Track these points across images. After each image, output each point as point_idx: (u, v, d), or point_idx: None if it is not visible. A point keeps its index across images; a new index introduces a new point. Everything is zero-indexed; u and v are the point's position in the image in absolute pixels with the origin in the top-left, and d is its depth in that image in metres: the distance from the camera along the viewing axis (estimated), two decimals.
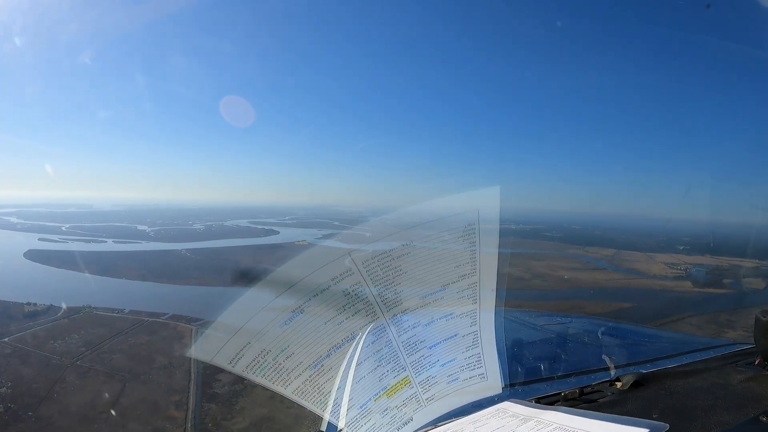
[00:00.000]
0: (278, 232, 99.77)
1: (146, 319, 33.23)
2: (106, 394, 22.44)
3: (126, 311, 35.14)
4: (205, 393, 21.90)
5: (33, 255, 61.09)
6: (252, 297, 1.10)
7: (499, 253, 1.31)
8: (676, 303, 43.37)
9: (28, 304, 36.06)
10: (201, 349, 1.10)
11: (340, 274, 1.14)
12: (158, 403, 21.76)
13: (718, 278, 50.76)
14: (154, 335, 30.22)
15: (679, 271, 57.70)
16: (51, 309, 35.13)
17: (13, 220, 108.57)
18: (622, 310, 38.83)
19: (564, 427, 1.00)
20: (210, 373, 23.72)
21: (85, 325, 32.08)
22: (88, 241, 79.20)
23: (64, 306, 35.47)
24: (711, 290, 47.03)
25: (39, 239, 76.49)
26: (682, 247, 71.27)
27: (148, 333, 30.61)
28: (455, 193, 1.33)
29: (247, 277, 1.20)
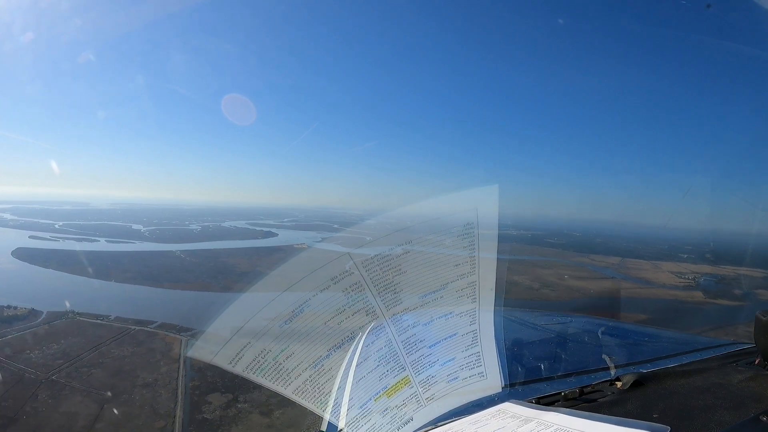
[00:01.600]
0: (277, 234, 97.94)
1: (132, 327, 30.42)
2: (81, 418, 19.85)
3: (111, 318, 32.31)
4: (193, 418, 19.47)
5: (21, 253, 58.50)
6: (252, 297, 1.09)
7: (498, 253, 1.30)
8: (693, 315, 41.94)
9: (8, 307, 33.47)
10: (201, 349, 1.08)
11: (340, 274, 1.15)
12: (139, 430, 19.26)
13: (729, 288, 49.32)
14: (140, 347, 27.46)
15: (687, 281, 56.58)
16: (32, 314, 32.51)
17: (7, 216, 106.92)
18: (640, 322, 37.17)
19: (565, 428, 0.98)
20: (199, 393, 21.48)
21: (66, 333, 29.54)
22: (80, 240, 76.75)
23: (45, 311, 33.01)
24: (724, 302, 45.05)
25: (29, 237, 74.18)
26: (686, 255, 70.49)
27: (134, 344, 27.90)
28: (454, 192, 1.34)
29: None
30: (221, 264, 56.89)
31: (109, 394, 21.90)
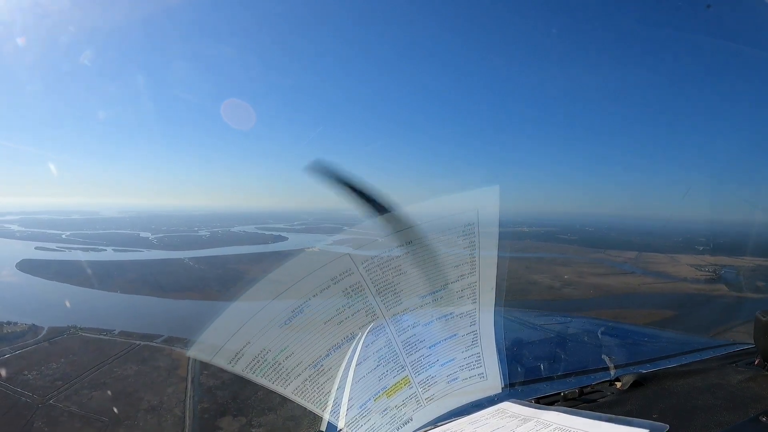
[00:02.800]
0: (287, 238, 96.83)
1: (138, 342, 28.35)
2: None
3: (116, 332, 30.50)
4: None
5: (25, 266, 57.21)
6: (252, 296, 1.08)
7: (499, 252, 1.28)
8: (722, 308, 40.22)
9: (8, 323, 31.94)
10: (200, 349, 1.05)
11: (340, 275, 1.12)
12: None
13: (751, 280, 48.31)
14: (145, 364, 25.35)
15: (708, 273, 55.66)
16: (32, 329, 30.86)
17: (14, 227, 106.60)
18: (667, 319, 35.09)
19: (564, 427, 0.98)
20: (209, 416, 19.35)
21: (67, 350, 27.64)
22: (87, 250, 75.79)
23: (46, 326, 31.10)
24: (749, 294, 42.48)
25: (36, 248, 73.06)
26: (701, 248, 69.60)
27: (139, 361, 25.80)
28: (455, 193, 1.31)
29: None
30: (231, 271, 55.11)
31: (109, 419, 19.83)
